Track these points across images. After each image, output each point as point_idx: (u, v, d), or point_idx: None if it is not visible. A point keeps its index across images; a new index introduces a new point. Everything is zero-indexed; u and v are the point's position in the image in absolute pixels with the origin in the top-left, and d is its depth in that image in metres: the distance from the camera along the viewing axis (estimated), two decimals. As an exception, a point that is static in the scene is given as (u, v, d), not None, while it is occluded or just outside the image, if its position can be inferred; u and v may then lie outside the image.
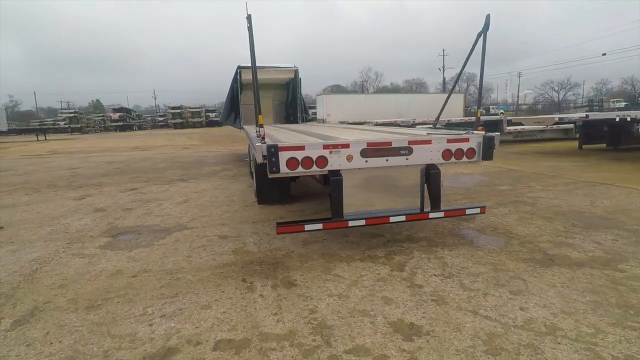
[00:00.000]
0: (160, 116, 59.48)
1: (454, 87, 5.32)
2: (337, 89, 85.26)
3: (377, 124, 20.04)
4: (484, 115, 44.96)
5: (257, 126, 3.60)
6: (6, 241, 4.60)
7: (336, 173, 3.57)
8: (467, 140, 3.78)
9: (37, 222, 5.49)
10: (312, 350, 2.25)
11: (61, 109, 61.25)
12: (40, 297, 3.07)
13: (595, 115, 11.56)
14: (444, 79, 55.43)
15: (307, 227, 3.55)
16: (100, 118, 53.22)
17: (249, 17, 3.45)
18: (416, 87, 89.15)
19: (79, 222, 5.47)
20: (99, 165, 13.02)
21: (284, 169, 3.38)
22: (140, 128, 55.31)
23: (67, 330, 2.56)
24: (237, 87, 11.92)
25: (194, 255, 3.93)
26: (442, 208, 3.87)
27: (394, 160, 3.60)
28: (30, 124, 50.15)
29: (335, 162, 3.47)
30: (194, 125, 51.25)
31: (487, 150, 3.81)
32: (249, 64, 3.47)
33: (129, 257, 3.93)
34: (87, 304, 2.94)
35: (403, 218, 3.73)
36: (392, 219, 3.70)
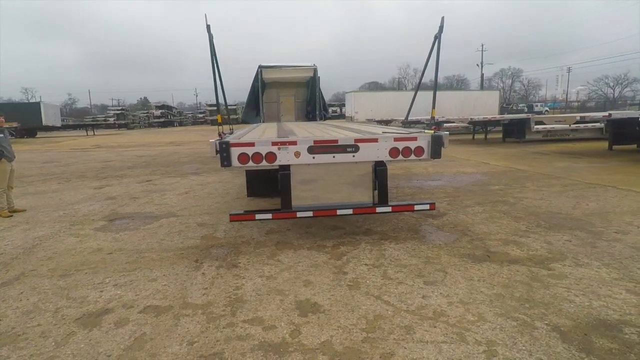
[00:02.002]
0: (201, 113, 62.28)
1: (417, 88, 5.39)
2: (374, 86, 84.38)
3: (403, 122, 19.95)
4: (525, 112, 42.89)
5: (218, 125, 4.01)
6: (23, 221, 5.38)
7: (285, 168, 3.89)
8: (414, 139, 3.94)
9: (55, 207, 6.30)
10: (217, 318, 2.61)
11: (112, 106, 66.08)
12: (29, 266, 3.69)
13: (618, 114, 10.85)
14: (482, 75, 53.30)
15: (258, 216, 3.91)
16: (144, 115, 56.79)
17: (208, 27, 3.85)
18: (457, 83, 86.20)
19: (89, 207, 6.21)
20: (130, 158, 14.16)
21: (235, 163, 3.75)
22: (181, 124, 58.29)
23: (37, 292, 3.12)
24: (257, 86, 12.55)
25: (167, 239, 4.42)
26: (390, 203, 4.06)
27: (341, 157, 3.84)
28: (84, 119, 54.46)
29: (284, 157, 3.78)
30: (230, 122, 53.12)
31: (436, 149, 3.94)
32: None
33: (114, 238, 4.50)
34: (62, 272, 3.50)
35: (350, 211, 3.97)
36: (339, 212, 3.96)
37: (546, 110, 55.65)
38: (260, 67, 12.28)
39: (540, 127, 16.36)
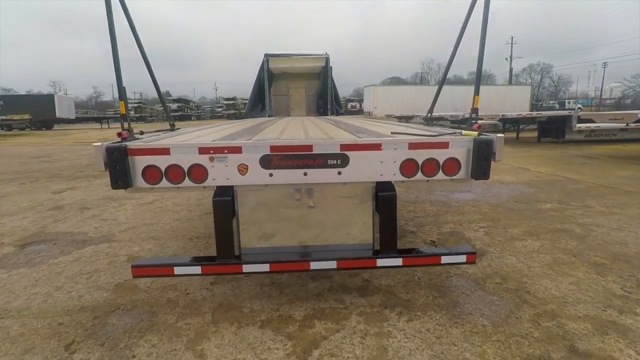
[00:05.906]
0: (219, 107, 61.59)
1: (445, 74, 3.66)
2: (396, 81, 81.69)
3: (425, 119, 18.10)
4: (556, 109, 39.58)
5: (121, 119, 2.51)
6: None
7: (225, 191, 2.35)
8: (445, 145, 2.30)
9: (-22, 220, 4.99)
10: None
11: (132, 99, 66.27)
12: None
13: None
14: (511, 69, 50.00)
15: (178, 270, 2.38)
16: (162, 108, 56.51)
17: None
18: (483, 79, 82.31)
19: (17, 222, 4.86)
20: (123, 154, 12.97)
21: (139, 183, 2.23)
22: (198, 118, 57.79)
23: None
24: (263, 77, 11.19)
25: (65, 287, 2.97)
26: (400, 252, 2.46)
27: (317, 175, 2.25)
28: (106, 112, 54.57)
29: (220, 174, 2.23)
30: (246, 116, 52.17)
31: (481, 163, 2.31)
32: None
33: (-6, 282, 3.09)
34: None
35: (333, 264, 2.39)
36: (313, 266, 2.38)
37: (579, 108, 51.95)
38: (266, 55, 10.85)
39: (583, 125, 14.22)
